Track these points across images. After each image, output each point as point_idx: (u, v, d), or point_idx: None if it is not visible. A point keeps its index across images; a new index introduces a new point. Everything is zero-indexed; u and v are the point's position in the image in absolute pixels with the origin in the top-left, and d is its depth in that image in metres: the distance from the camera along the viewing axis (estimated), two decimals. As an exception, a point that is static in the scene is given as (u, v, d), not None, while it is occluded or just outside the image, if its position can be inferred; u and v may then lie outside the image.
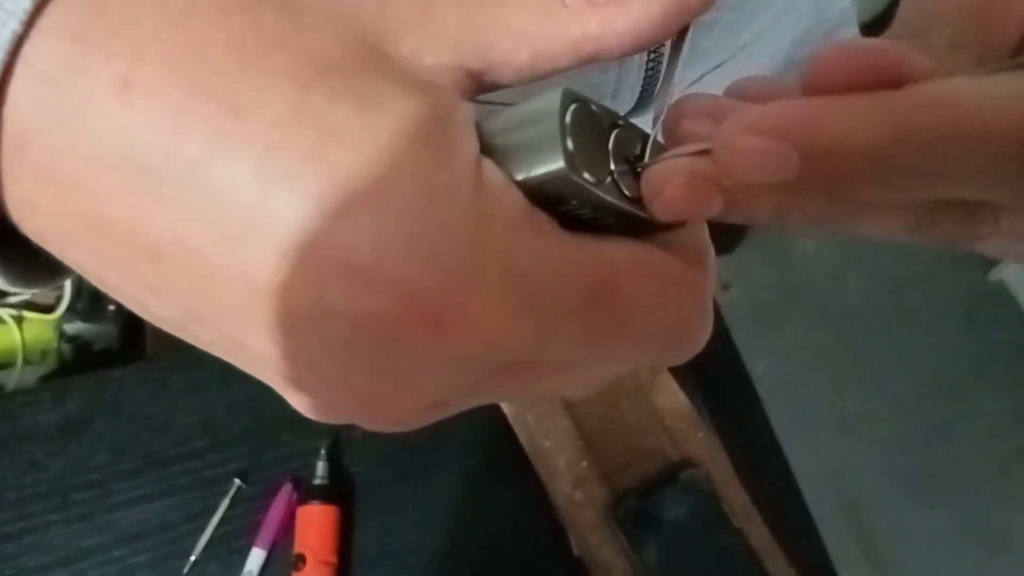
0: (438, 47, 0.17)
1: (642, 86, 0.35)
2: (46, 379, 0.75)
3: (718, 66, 0.36)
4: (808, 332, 1.43)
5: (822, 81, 0.16)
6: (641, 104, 0.34)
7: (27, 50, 0.14)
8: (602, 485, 0.54)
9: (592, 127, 0.17)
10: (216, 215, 0.15)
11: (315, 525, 0.53)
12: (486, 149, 0.17)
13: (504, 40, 0.17)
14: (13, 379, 0.72)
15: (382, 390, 0.17)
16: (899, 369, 1.45)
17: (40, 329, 0.76)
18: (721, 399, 0.64)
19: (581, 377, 0.19)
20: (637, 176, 0.18)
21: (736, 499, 0.55)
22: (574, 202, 0.17)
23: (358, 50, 0.16)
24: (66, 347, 0.78)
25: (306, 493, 0.54)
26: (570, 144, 0.16)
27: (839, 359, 1.43)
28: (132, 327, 0.75)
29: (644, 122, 0.35)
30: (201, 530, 0.53)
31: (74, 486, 0.53)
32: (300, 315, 0.15)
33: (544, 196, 0.17)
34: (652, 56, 0.33)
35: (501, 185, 0.16)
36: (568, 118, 0.16)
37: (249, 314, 0.15)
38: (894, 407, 1.45)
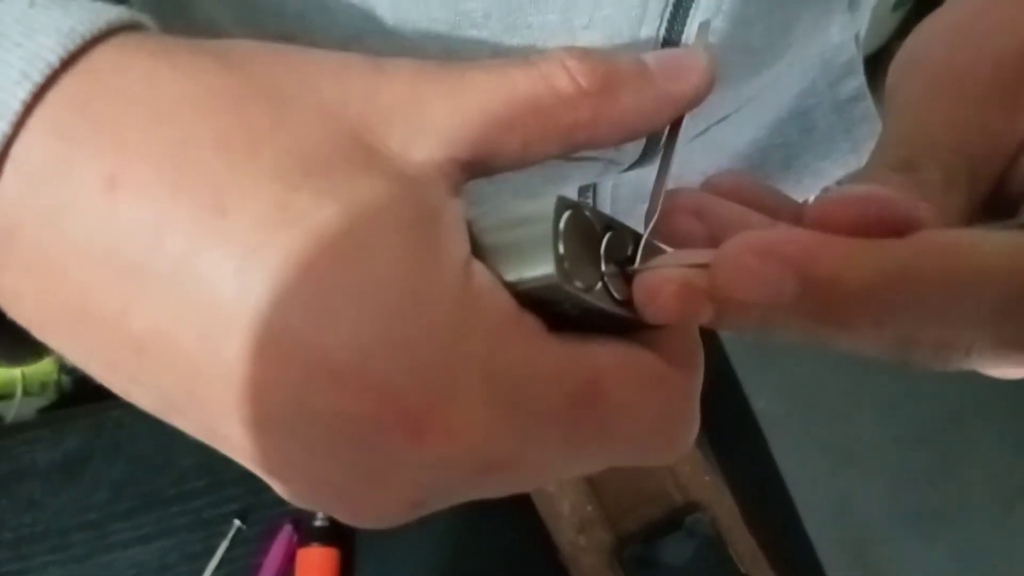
0: (427, 141, 0.16)
1: (647, 138, 0.35)
2: (45, 411, 0.74)
3: (723, 119, 0.36)
4: (810, 366, 1.43)
5: (828, 224, 0.16)
6: (645, 157, 0.34)
7: (15, 148, 0.15)
8: (606, 529, 0.54)
9: (585, 234, 0.17)
10: (198, 313, 0.15)
11: (315, 567, 0.52)
12: (477, 247, 0.17)
13: (494, 129, 0.17)
14: (12, 411, 0.72)
15: (359, 490, 0.17)
16: (902, 403, 1.45)
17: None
18: (723, 434, 0.63)
19: (559, 473, 0.19)
20: (628, 277, 0.18)
21: (742, 543, 0.54)
22: (564, 305, 0.17)
23: (345, 146, 0.15)
24: (65, 379, 0.77)
25: (306, 535, 0.53)
26: (562, 251, 0.16)
27: (841, 393, 1.43)
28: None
29: (647, 173, 0.35)
30: (200, 572, 0.52)
31: (72, 526, 0.52)
32: (278, 414, 0.15)
33: (533, 298, 0.17)
34: None
35: (488, 288, 0.16)
36: (561, 226, 0.16)
37: (228, 409, 0.15)
38: (897, 441, 1.44)
